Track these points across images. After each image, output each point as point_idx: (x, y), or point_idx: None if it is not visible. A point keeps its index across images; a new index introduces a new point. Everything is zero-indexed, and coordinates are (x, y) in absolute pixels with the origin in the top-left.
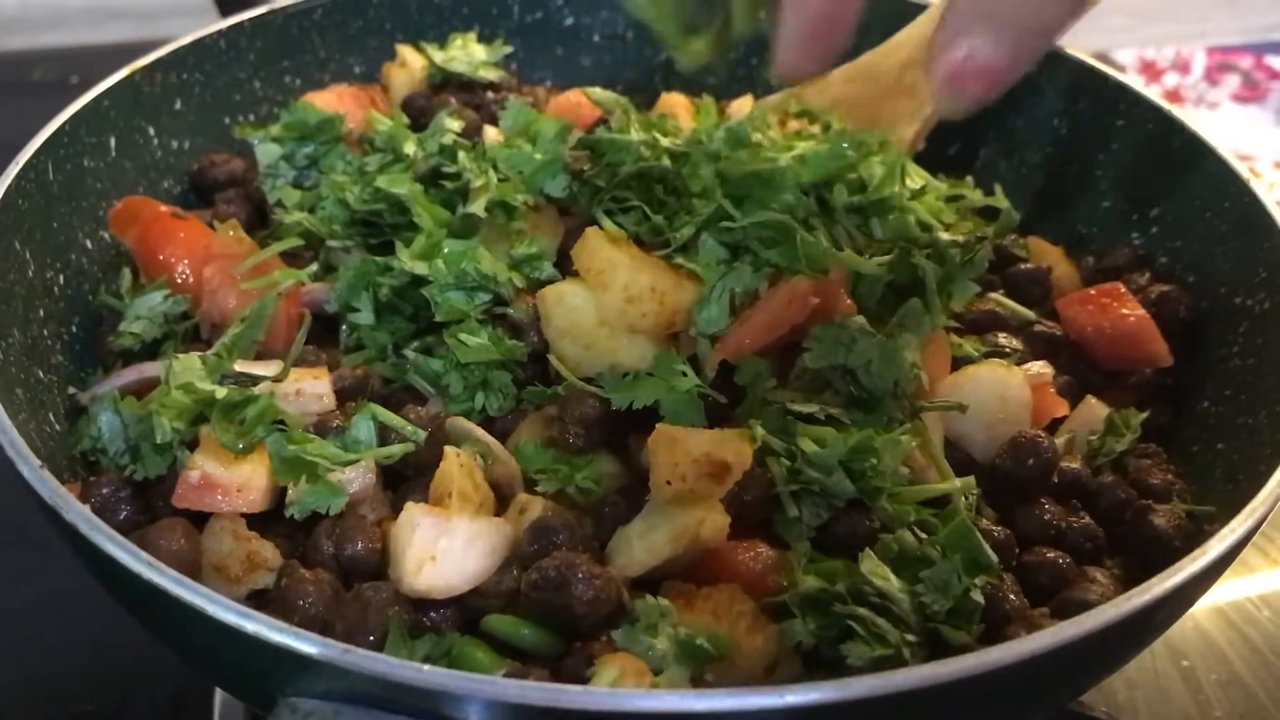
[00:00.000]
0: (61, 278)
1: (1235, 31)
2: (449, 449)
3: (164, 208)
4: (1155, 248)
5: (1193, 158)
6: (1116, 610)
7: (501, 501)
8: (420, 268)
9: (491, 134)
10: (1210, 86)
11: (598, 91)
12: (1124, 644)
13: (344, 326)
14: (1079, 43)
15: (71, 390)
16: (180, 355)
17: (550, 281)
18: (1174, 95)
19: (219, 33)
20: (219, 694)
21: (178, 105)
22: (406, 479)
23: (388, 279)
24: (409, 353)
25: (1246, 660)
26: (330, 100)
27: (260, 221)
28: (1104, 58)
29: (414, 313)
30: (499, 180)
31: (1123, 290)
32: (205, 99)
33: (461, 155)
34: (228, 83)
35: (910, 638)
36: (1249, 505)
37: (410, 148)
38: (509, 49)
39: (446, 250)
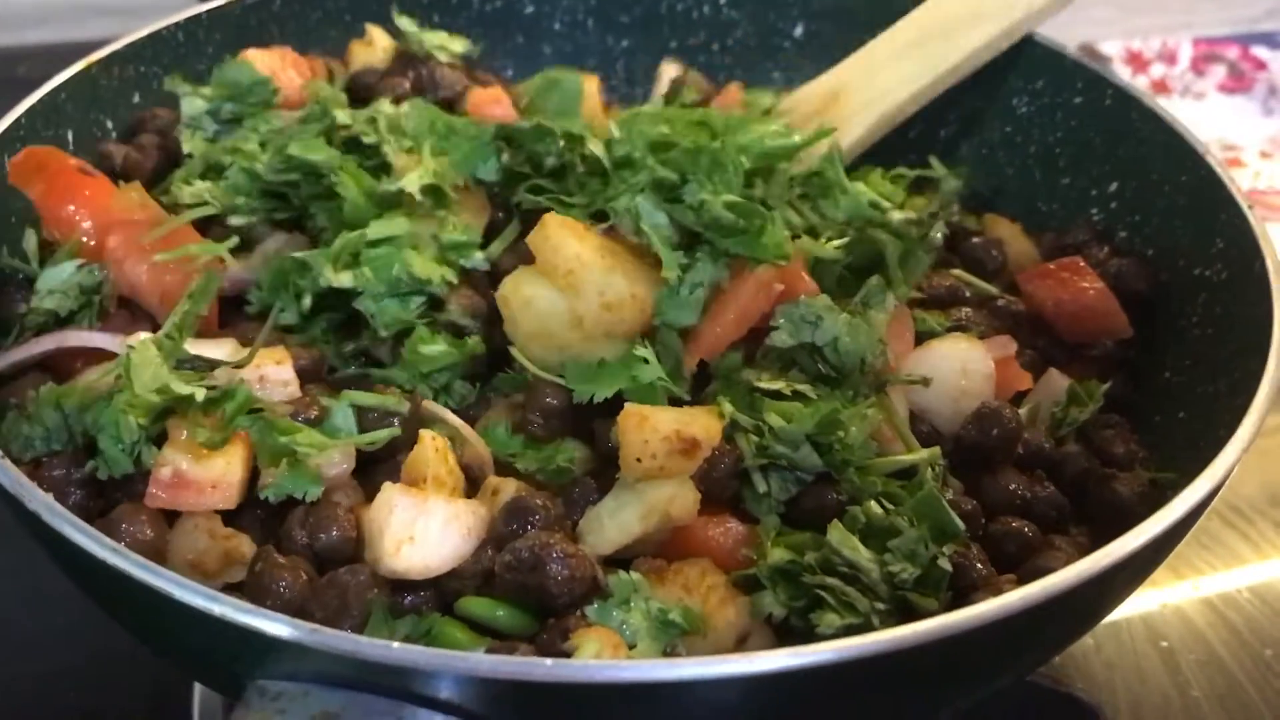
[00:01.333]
0: (20, 275)
1: (1221, 23)
2: (424, 432)
3: (71, 160)
4: (1115, 222)
5: (1150, 133)
6: (1079, 572)
7: (471, 484)
8: (345, 278)
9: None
10: (1197, 77)
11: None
12: (1087, 608)
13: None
14: (1065, 34)
15: None
16: (134, 345)
17: (481, 271)
18: (1160, 85)
19: (176, 25)
20: (197, 689)
21: (136, 98)
22: (376, 461)
23: (308, 282)
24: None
25: (1225, 641)
26: (272, 61)
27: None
28: (1090, 49)
29: (346, 318)
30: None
31: (1082, 264)
32: (163, 92)
33: (382, 125)
34: (185, 75)
35: (880, 605)
36: (1208, 469)
37: (342, 118)
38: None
39: (371, 254)
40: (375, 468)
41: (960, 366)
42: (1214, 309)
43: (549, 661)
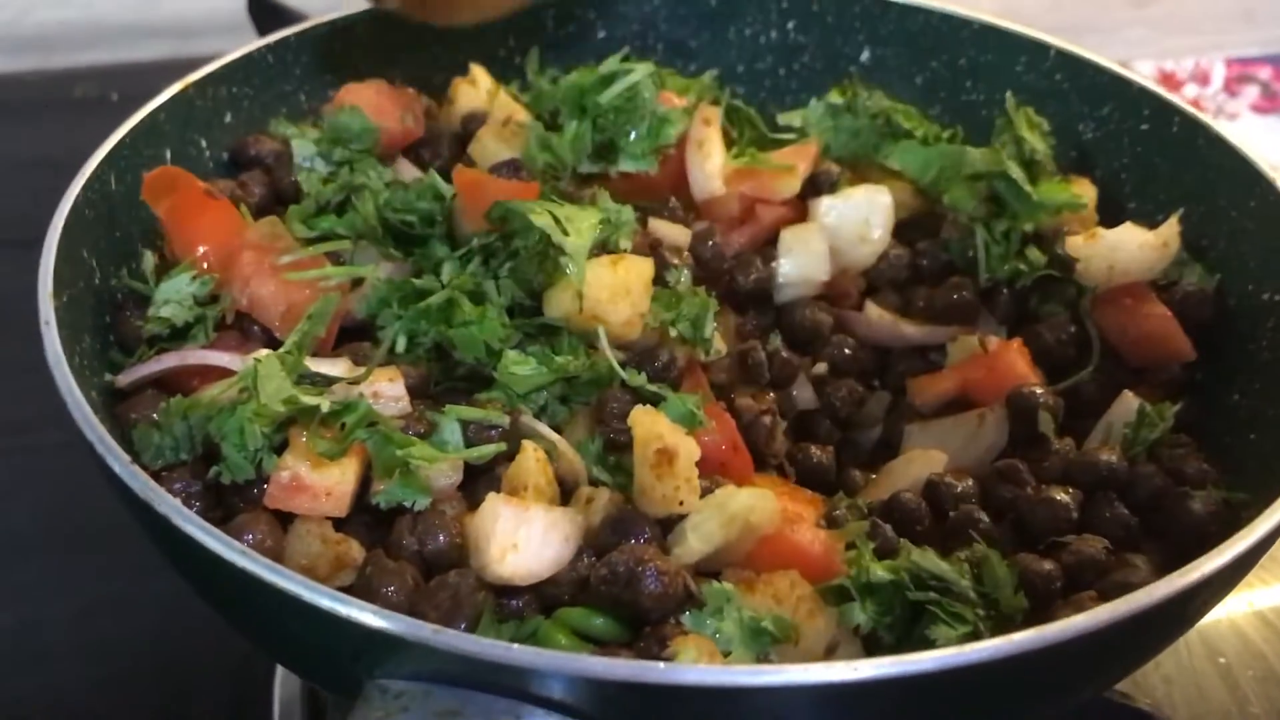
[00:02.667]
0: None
1: (1253, 43)
2: (526, 443)
3: (200, 183)
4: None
5: (1217, 159)
6: (1168, 588)
7: (565, 494)
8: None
9: None
10: (1229, 98)
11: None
12: (1167, 626)
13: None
14: (1098, 55)
15: (108, 376)
16: (260, 358)
17: None
18: (1194, 106)
19: (267, 47)
20: (277, 696)
21: (228, 118)
22: (478, 473)
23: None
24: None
25: None
26: (370, 97)
27: (275, 208)
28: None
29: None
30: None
31: (1146, 290)
32: (254, 112)
33: None
34: (275, 96)
35: (981, 613)
36: None
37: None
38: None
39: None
40: (477, 479)
41: None
42: None
43: (661, 665)
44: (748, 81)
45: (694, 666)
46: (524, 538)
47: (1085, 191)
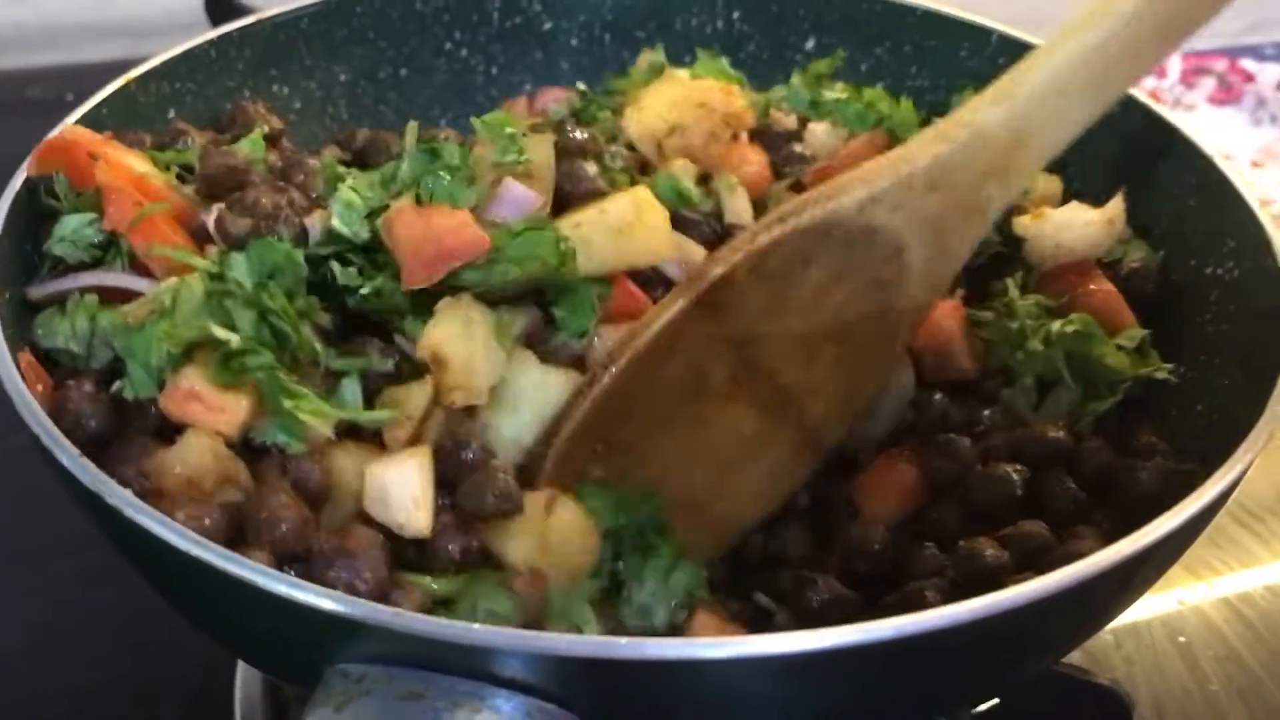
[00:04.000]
0: None
1: (1208, 36)
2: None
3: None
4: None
5: (1158, 138)
6: (1114, 556)
7: None
8: None
9: None
10: (1186, 89)
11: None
12: (1115, 594)
13: None
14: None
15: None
16: (186, 279)
17: None
18: (1152, 98)
19: (209, 42)
20: (238, 697)
21: (171, 114)
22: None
23: None
24: None
25: (1242, 636)
26: None
27: None
28: None
29: None
30: None
31: (1090, 266)
32: (197, 107)
33: None
34: (218, 91)
35: None
36: (1233, 455)
37: None
38: None
39: None
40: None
41: None
42: (1228, 305)
43: (624, 641)
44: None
45: (658, 641)
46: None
47: (1047, 185)
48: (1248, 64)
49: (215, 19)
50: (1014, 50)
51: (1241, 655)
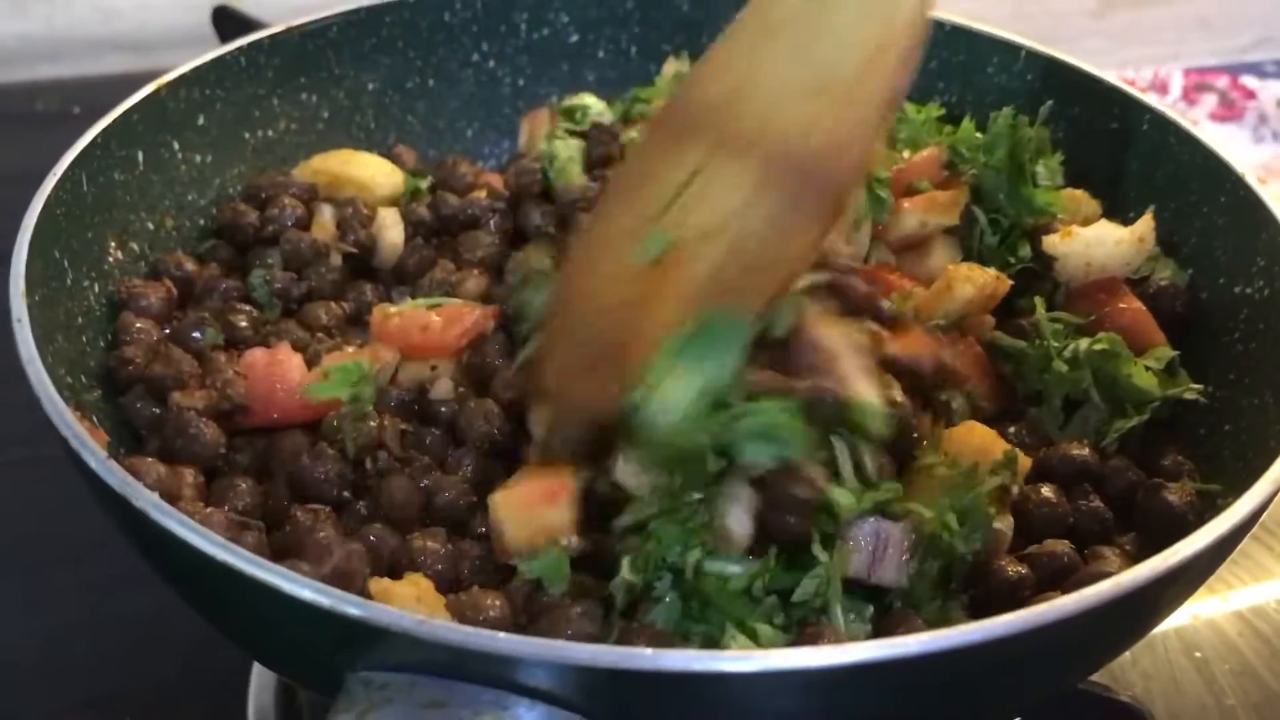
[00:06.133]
0: (96, 286)
1: (1210, 53)
2: None
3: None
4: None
5: (1187, 155)
6: (1139, 576)
7: None
8: None
9: None
10: (1188, 106)
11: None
12: (1140, 615)
13: None
14: None
15: None
16: None
17: None
18: None
19: (239, 50)
20: (251, 705)
21: (200, 121)
22: None
23: None
24: None
25: (1258, 651)
26: None
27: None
28: None
29: None
30: None
31: (1119, 284)
32: (227, 115)
33: None
34: (247, 99)
35: None
36: (1264, 476)
37: None
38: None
39: None
40: None
41: None
42: (1257, 324)
43: (649, 651)
44: None
45: (681, 653)
46: None
47: (1088, 207)
48: (1249, 81)
49: (222, 33)
50: (1042, 66)
51: (1257, 669)
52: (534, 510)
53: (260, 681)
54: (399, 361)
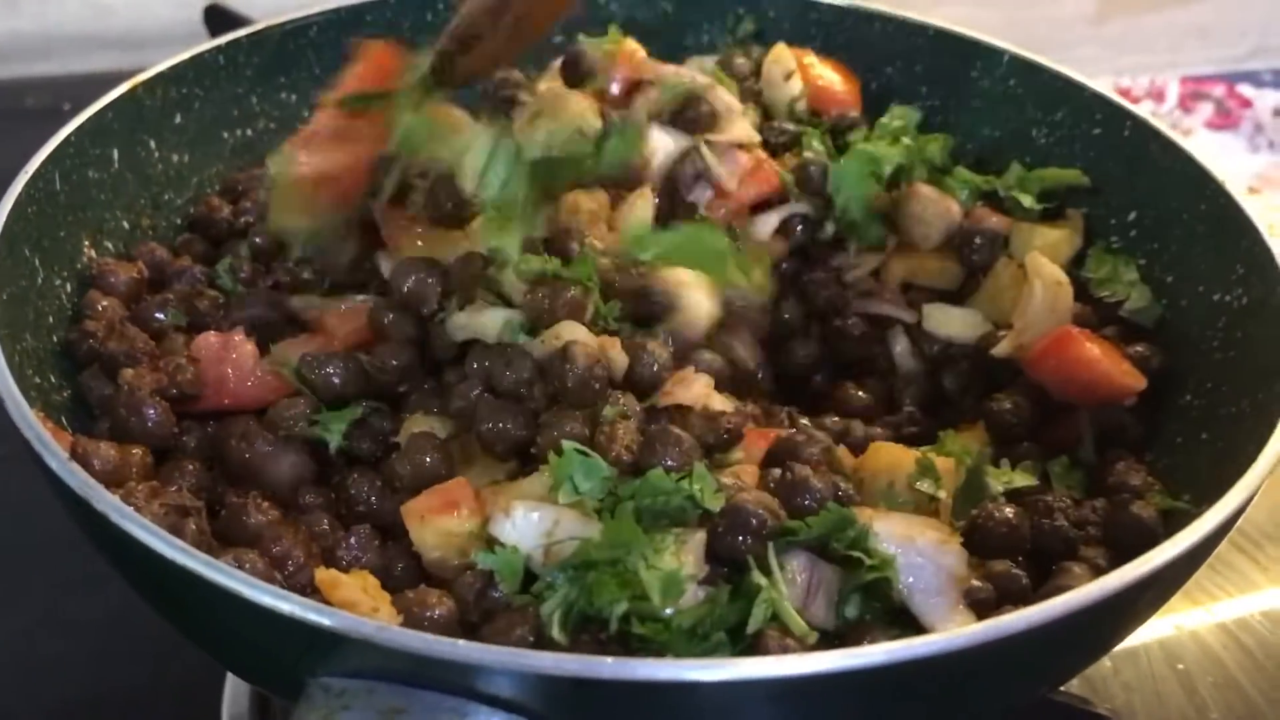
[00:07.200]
0: (69, 286)
1: (1206, 62)
2: None
3: None
4: (1134, 250)
5: (1170, 164)
6: (1108, 585)
7: None
8: None
9: None
10: (1184, 114)
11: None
12: (1113, 624)
13: None
14: None
15: None
16: None
17: None
18: None
19: (217, 48)
20: (226, 709)
21: (178, 119)
22: None
23: None
24: None
25: (1240, 664)
26: None
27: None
28: None
29: None
30: None
31: (1073, 333)
32: (205, 114)
33: None
34: (226, 98)
35: None
36: (1236, 485)
37: None
38: None
39: None
40: None
41: None
42: (1235, 333)
43: (610, 660)
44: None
45: (645, 661)
46: None
47: (1063, 240)
48: (1245, 90)
49: (214, 31)
50: (1025, 71)
51: (1240, 683)
52: (435, 520)
53: (235, 685)
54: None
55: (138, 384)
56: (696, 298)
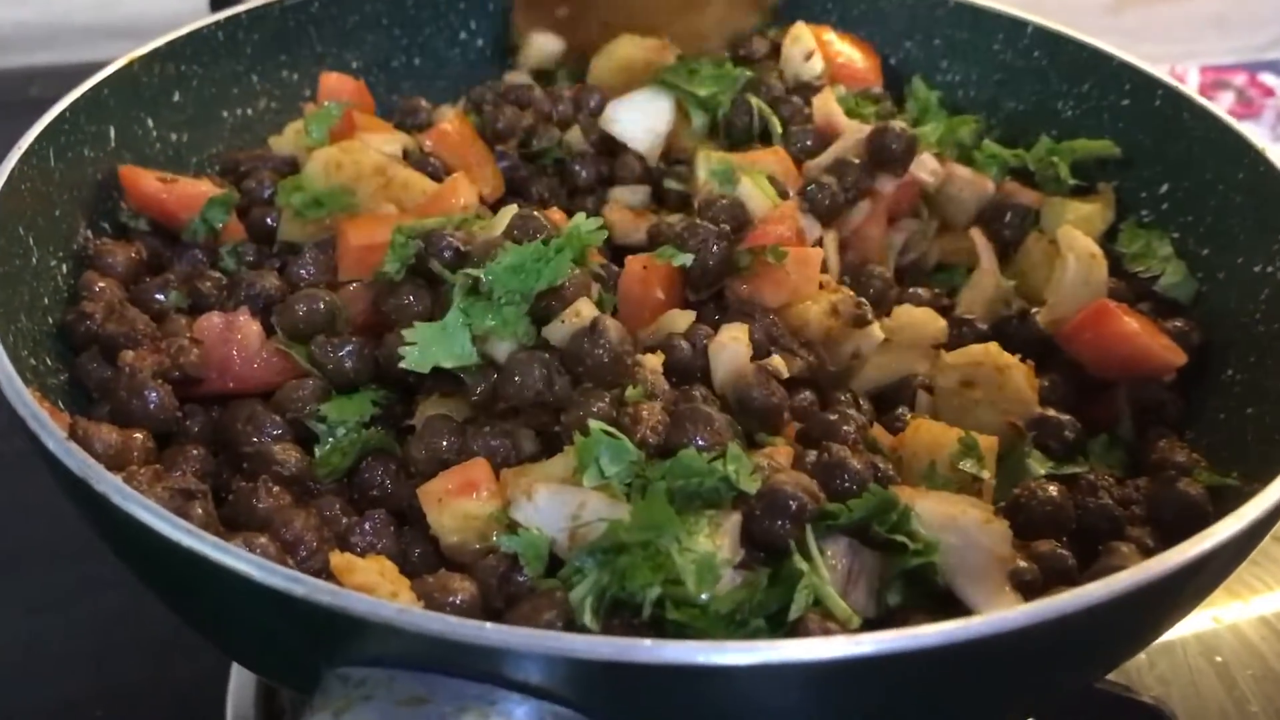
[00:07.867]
0: (64, 267)
1: (1226, 51)
2: None
3: None
4: (1167, 223)
5: (1202, 130)
6: (1173, 561)
7: None
8: None
9: None
10: None
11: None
12: (1165, 605)
13: None
14: None
15: None
16: None
17: None
18: None
19: (216, 24)
20: (230, 707)
21: (176, 97)
22: None
23: None
24: None
25: None
26: None
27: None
28: None
29: None
30: None
31: (1110, 309)
32: (204, 92)
33: None
34: (225, 75)
35: None
36: None
37: None
38: None
39: None
40: None
41: None
42: (1278, 304)
43: (648, 643)
44: None
45: (683, 645)
46: None
47: (1095, 214)
48: (1267, 78)
49: (216, 7)
50: (1050, 43)
51: None
52: (454, 503)
53: (239, 682)
54: None
55: (139, 365)
56: None
